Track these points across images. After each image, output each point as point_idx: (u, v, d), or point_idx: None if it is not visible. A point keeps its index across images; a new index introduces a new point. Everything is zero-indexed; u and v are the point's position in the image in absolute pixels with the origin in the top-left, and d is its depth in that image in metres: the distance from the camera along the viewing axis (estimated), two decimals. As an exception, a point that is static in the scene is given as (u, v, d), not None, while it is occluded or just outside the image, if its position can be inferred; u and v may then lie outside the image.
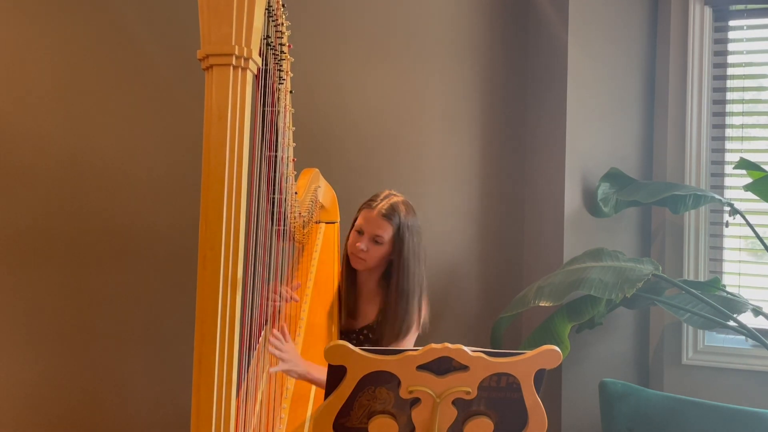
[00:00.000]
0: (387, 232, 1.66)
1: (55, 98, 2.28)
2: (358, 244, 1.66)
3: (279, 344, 1.41)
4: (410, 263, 1.67)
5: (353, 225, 1.73)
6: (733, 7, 2.49)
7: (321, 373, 1.39)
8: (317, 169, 1.95)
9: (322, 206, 2.01)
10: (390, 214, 1.66)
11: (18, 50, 2.26)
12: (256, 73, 0.99)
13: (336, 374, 0.96)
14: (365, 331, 1.73)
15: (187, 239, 2.31)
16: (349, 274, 1.75)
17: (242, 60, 0.94)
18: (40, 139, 2.27)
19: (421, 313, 1.70)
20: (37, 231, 2.28)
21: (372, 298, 1.76)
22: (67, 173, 2.29)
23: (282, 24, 1.29)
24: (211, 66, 0.94)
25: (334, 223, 2.07)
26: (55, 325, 2.29)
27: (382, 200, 1.68)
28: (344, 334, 1.75)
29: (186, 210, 2.33)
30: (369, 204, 1.69)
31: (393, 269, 1.68)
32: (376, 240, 1.66)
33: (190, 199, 2.33)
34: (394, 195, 1.72)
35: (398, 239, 1.66)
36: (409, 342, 1.70)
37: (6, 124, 2.25)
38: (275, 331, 1.44)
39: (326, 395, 0.98)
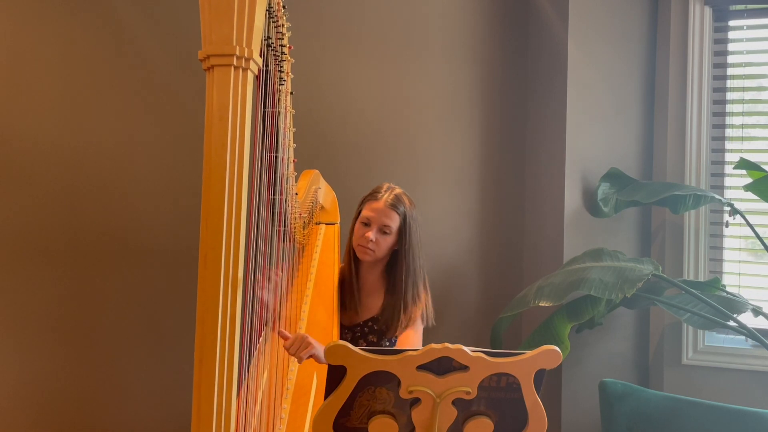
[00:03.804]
0: (395, 222, 1.69)
1: (54, 98, 2.28)
2: (367, 235, 1.67)
3: (292, 336, 1.42)
4: (415, 252, 1.72)
5: (356, 218, 1.74)
6: (733, 7, 2.49)
7: None
8: (317, 171, 1.95)
9: (322, 207, 2.01)
10: (396, 204, 1.69)
11: (18, 51, 2.26)
12: (256, 73, 0.99)
13: (336, 374, 0.96)
14: (370, 323, 1.75)
15: (187, 240, 2.33)
16: (353, 267, 1.77)
17: (243, 60, 0.94)
18: (40, 139, 2.27)
19: (424, 301, 1.74)
20: (36, 231, 2.28)
21: (375, 291, 1.78)
22: (67, 173, 2.29)
23: (283, 25, 1.29)
24: (212, 66, 0.94)
25: (334, 224, 2.07)
26: (54, 325, 2.29)
27: (385, 191, 1.71)
28: (348, 329, 1.76)
29: (186, 210, 2.34)
30: (374, 196, 1.72)
31: (398, 259, 1.72)
32: (384, 230, 1.68)
33: (190, 200, 2.33)
34: (395, 187, 1.75)
35: (404, 229, 1.70)
36: (416, 331, 1.72)
37: (6, 124, 2.25)
38: (281, 337, 1.44)
39: (326, 395, 0.98)
